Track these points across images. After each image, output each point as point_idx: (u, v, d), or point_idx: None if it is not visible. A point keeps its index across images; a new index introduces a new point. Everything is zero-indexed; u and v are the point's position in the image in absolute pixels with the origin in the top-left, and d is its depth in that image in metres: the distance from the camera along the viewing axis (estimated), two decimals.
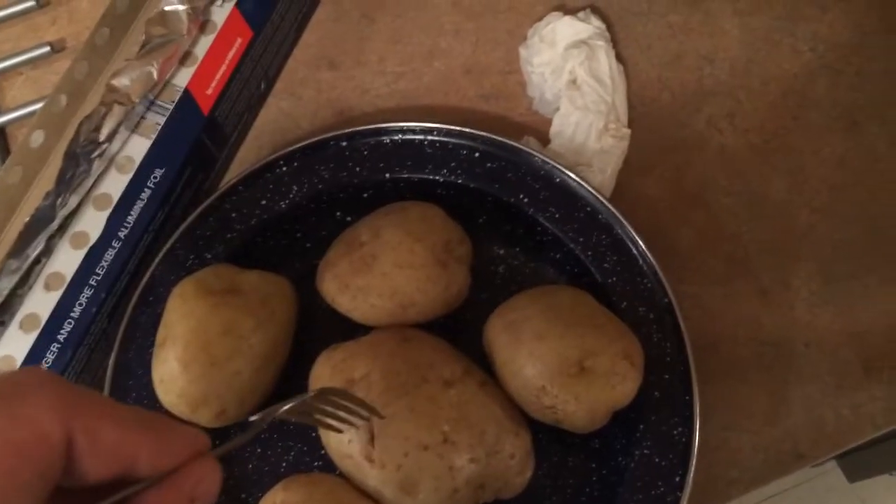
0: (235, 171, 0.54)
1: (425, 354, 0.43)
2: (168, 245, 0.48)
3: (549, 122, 0.53)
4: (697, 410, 0.44)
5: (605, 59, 0.51)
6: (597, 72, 0.51)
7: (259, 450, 0.47)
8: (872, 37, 0.55)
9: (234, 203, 0.49)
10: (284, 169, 0.50)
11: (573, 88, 0.51)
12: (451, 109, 0.55)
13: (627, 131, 0.51)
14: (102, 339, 0.47)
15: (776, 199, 0.52)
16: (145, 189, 0.47)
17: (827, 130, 0.53)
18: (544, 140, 0.52)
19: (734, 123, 0.54)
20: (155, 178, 0.48)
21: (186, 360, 0.41)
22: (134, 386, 0.46)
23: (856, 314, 0.49)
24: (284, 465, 0.47)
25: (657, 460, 0.44)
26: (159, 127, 0.48)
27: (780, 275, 0.50)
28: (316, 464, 0.47)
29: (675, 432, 0.44)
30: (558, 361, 0.41)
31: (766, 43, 0.55)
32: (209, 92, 0.49)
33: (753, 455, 0.47)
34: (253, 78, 0.53)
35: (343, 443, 0.41)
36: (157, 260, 0.47)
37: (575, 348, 0.41)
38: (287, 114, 0.56)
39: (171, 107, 0.49)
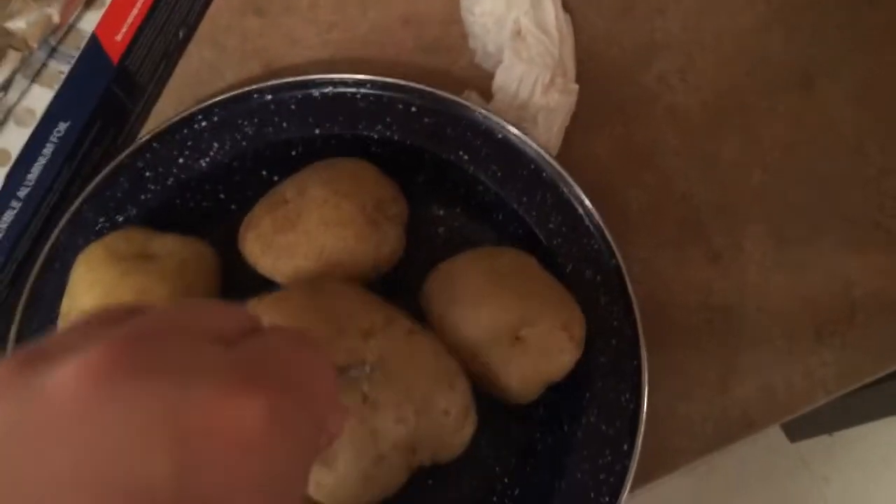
0: (152, 126, 0.50)
1: (341, 304, 0.38)
2: (75, 206, 0.43)
3: (492, 76, 0.49)
4: (646, 377, 0.42)
5: (551, 9, 0.48)
6: (543, 22, 0.47)
7: None
8: None
9: (149, 161, 0.45)
10: (204, 124, 0.46)
11: (518, 40, 0.48)
12: (388, 63, 0.52)
13: (575, 87, 0.48)
14: (4, 308, 0.43)
15: (728, 159, 0.50)
16: (48, 144, 0.43)
17: (781, 88, 0.51)
18: (487, 96, 0.49)
19: (686, 80, 0.51)
20: (59, 132, 0.43)
21: None
22: None
23: (808, 278, 0.47)
24: None
25: (604, 428, 0.41)
26: (63, 76, 0.44)
27: (732, 238, 0.48)
28: None
29: (622, 399, 0.42)
30: (493, 328, 0.38)
31: None
32: (119, 38, 0.45)
33: (703, 423, 0.45)
34: (170, 23, 0.48)
35: None
36: (62, 223, 0.43)
37: (512, 316, 0.39)
38: (210, 64, 0.51)
39: (76, 54, 0.44)
